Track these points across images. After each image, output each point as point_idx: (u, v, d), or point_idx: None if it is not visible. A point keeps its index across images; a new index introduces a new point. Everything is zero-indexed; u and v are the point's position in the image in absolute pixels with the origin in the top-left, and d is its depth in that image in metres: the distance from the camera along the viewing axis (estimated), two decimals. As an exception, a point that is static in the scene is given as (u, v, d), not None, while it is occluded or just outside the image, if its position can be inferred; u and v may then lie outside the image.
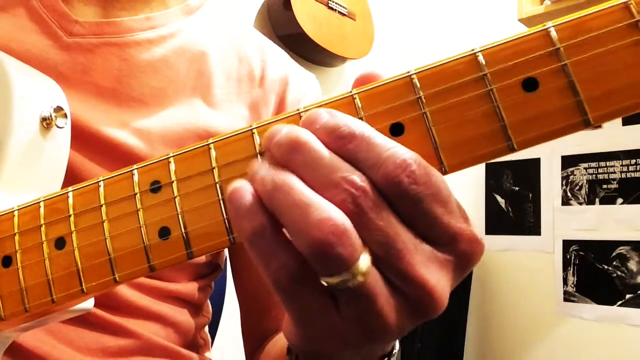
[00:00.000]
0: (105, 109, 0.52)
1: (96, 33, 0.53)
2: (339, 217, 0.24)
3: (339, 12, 1.73)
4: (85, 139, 0.50)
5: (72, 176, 0.47)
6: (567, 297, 1.74)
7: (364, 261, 0.25)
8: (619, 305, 1.65)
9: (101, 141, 0.50)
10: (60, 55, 0.52)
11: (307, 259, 0.25)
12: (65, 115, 0.45)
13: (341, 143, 0.26)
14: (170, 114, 0.54)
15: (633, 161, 1.67)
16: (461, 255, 0.27)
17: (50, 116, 0.44)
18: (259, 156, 0.29)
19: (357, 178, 0.25)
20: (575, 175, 1.77)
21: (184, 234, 0.30)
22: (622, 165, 1.69)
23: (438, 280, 0.26)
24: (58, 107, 0.45)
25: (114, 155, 0.51)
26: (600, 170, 1.72)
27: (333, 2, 1.71)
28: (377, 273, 0.25)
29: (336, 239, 0.24)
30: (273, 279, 0.26)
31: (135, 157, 0.51)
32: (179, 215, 0.30)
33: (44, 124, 0.44)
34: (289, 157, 0.26)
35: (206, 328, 0.65)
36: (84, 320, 0.49)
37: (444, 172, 0.27)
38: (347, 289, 0.25)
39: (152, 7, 0.57)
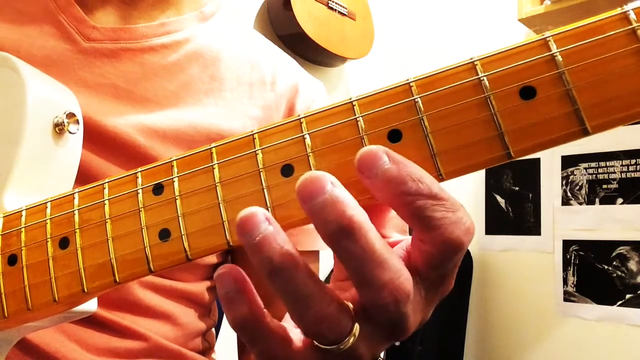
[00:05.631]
0: (121, 110, 0.53)
1: (113, 39, 0.55)
2: (336, 318, 0.26)
3: (339, 12, 1.73)
4: (101, 139, 0.52)
5: (88, 176, 0.49)
6: (567, 297, 1.74)
7: (355, 330, 0.26)
8: (619, 305, 1.65)
9: (117, 141, 0.52)
10: (78, 59, 0.54)
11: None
12: (77, 122, 0.46)
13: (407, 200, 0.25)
14: (183, 116, 0.56)
15: (633, 161, 1.67)
16: (442, 293, 0.29)
17: (63, 122, 0.45)
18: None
19: (406, 282, 0.25)
20: (575, 175, 1.77)
21: (183, 236, 0.30)
22: (622, 165, 1.69)
23: (417, 321, 0.28)
24: (70, 113, 0.46)
25: (129, 154, 0.52)
26: (600, 170, 1.72)
27: (333, 2, 1.71)
28: (365, 327, 0.27)
29: (329, 332, 0.26)
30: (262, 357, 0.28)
31: (150, 157, 0.53)
32: (180, 217, 0.30)
33: (57, 129, 0.45)
34: (335, 239, 0.24)
35: (212, 330, 0.66)
36: (94, 321, 0.50)
37: (441, 179, 0.27)
38: (339, 351, 0.26)
39: (168, 14, 0.60)
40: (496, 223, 1.91)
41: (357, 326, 0.26)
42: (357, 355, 0.27)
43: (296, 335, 0.28)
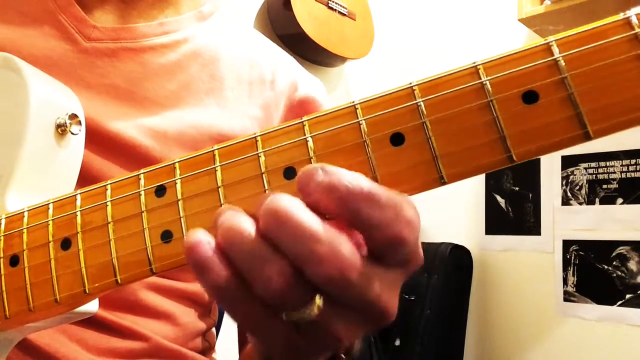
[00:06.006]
0: (123, 111, 0.53)
1: (113, 38, 0.55)
2: (280, 282, 0.25)
3: (339, 12, 1.73)
4: (102, 140, 0.51)
5: (89, 177, 0.49)
6: (567, 297, 1.74)
7: (316, 300, 0.26)
8: (619, 305, 1.65)
9: (118, 142, 0.52)
10: (79, 59, 0.54)
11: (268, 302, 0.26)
12: (79, 123, 0.46)
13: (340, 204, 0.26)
14: (184, 116, 0.56)
15: (633, 161, 1.67)
16: (410, 271, 0.29)
17: (65, 123, 0.45)
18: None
19: (345, 252, 0.25)
20: (575, 175, 1.77)
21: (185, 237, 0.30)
22: (622, 165, 1.69)
23: (391, 297, 0.28)
24: (73, 114, 0.46)
25: (130, 155, 0.52)
26: (600, 170, 1.72)
27: (333, 2, 1.71)
28: (332, 303, 0.27)
29: (285, 293, 0.26)
30: (242, 324, 0.28)
31: (152, 158, 0.52)
32: (182, 219, 0.31)
33: (59, 130, 0.45)
34: (273, 232, 0.26)
35: (213, 330, 0.66)
36: (94, 322, 0.51)
37: (443, 183, 0.27)
38: (306, 321, 0.27)
39: (167, 13, 0.60)
40: (496, 223, 1.91)
41: (320, 299, 0.26)
42: (333, 332, 0.27)
43: None
